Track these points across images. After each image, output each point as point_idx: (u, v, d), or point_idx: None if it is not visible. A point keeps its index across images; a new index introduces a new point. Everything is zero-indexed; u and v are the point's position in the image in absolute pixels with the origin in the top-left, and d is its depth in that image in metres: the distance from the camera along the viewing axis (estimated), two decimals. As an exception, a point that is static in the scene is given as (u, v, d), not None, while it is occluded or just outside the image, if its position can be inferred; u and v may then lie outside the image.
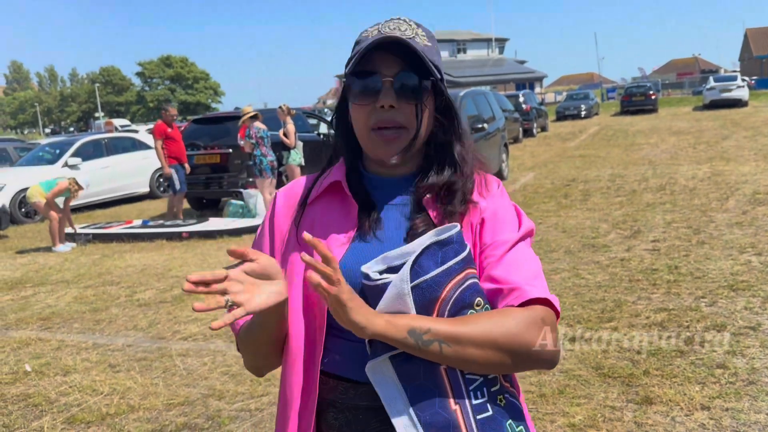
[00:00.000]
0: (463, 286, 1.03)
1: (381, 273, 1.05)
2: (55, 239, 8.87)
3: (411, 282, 1.00)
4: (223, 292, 0.95)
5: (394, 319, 0.99)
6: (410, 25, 1.14)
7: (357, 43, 1.17)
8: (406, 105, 1.12)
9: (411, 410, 1.00)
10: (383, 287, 1.02)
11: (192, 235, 8.92)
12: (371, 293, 1.04)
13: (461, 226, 1.10)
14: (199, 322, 5.18)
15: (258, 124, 9.74)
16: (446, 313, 1.01)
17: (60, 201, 8.99)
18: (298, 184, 1.28)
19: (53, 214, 8.80)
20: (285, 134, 10.10)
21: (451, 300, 1.01)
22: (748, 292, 4.71)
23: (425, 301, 1.00)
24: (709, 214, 7.50)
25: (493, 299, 1.08)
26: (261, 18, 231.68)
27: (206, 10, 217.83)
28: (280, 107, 10.31)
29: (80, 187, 8.88)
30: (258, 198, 9.85)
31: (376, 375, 1.03)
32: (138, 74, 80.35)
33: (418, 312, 1.00)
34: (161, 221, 10.13)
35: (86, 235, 9.33)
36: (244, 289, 0.97)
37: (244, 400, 3.68)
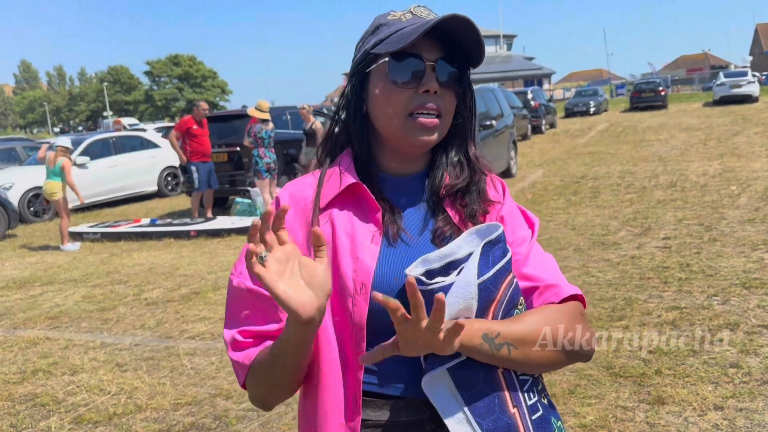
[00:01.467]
0: (513, 286, 1.03)
1: (422, 276, 1.01)
2: (64, 238, 8.92)
3: (478, 279, 0.98)
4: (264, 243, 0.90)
5: (467, 325, 0.95)
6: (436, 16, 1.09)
7: (382, 25, 1.10)
8: (447, 92, 1.07)
9: (472, 419, 0.98)
10: (438, 291, 0.97)
11: (200, 233, 8.91)
12: (427, 298, 0.97)
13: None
14: (206, 321, 5.17)
15: (263, 124, 9.73)
16: (500, 314, 1.01)
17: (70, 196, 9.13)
18: (301, 183, 1.16)
19: (67, 212, 8.90)
20: (309, 132, 10.13)
21: (505, 300, 1.02)
22: (761, 290, 4.64)
23: (484, 302, 0.99)
24: (721, 210, 7.42)
25: (527, 296, 1.09)
26: (268, 17, 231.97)
27: (214, 9, 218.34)
28: (304, 108, 10.34)
29: (69, 149, 9.01)
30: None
31: (432, 388, 1.00)
32: (146, 73, 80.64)
33: (477, 315, 0.99)
34: (169, 220, 10.14)
35: (94, 233, 9.34)
36: (280, 266, 0.90)
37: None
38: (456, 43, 1.06)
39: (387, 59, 1.06)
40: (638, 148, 15.12)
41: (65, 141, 9.13)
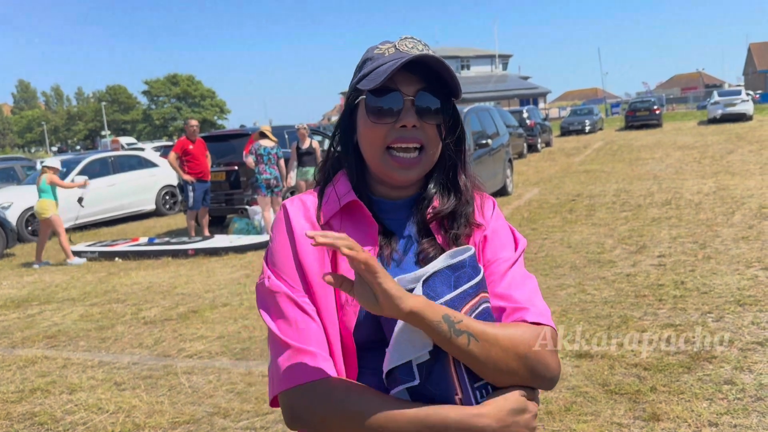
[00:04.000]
0: (477, 311, 1.02)
1: None
2: (68, 253, 8.96)
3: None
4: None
5: (430, 302, 0.97)
6: (425, 46, 1.14)
7: (368, 59, 1.14)
8: (428, 124, 1.10)
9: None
10: None
11: (198, 252, 8.94)
12: (384, 320, 1.03)
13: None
14: (204, 339, 5.18)
15: (262, 141, 9.72)
16: None
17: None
18: (307, 198, 1.19)
19: (62, 228, 9.02)
20: (307, 151, 10.21)
21: None
22: (755, 307, 4.68)
23: None
24: (715, 228, 7.48)
25: (497, 316, 1.09)
26: (267, 36, 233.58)
27: (213, 29, 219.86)
28: (303, 127, 10.41)
29: (57, 168, 9.16)
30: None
31: None
32: (144, 92, 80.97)
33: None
34: (167, 238, 10.15)
35: (92, 252, 9.36)
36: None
37: (250, 418, 3.67)
38: (437, 74, 1.10)
39: (365, 97, 1.11)
40: (633, 166, 15.22)
41: (53, 161, 9.37)
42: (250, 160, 9.74)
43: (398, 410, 0.97)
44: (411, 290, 1.02)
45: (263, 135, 9.80)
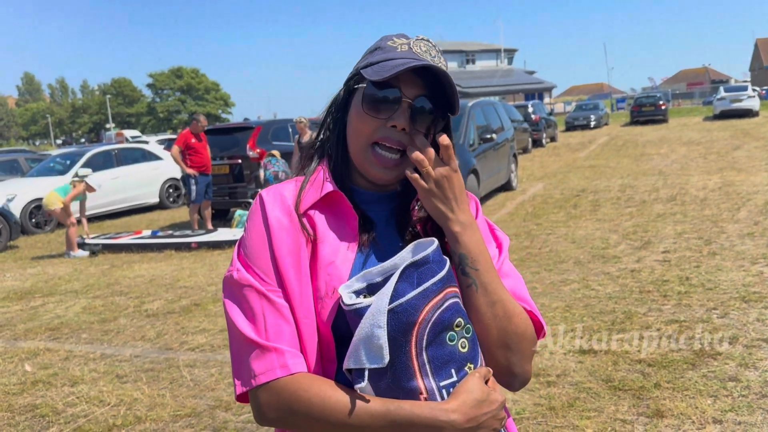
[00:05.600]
0: (443, 307, 0.98)
1: (359, 292, 1.01)
2: (73, 245, 9.05)
3: (388, 306, 0.95)
4: None
5: (474, 230, 1.09)
6: (438, 52, 1.12)
7: (379, 48, 1.12)
8: (416, 132, 1.08)
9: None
10: (360, 312, 0.97)
11: (201, 245, 8.93)
12: (349, 318, 1.00)
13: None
14: (206, 333, 5.18)
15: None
16: (425, 336, 0.97)
17: (74, 207, 9.27)
18: (283, 187, 1.15)
19: (71, 219, 9.09)
20: (306, 146, 10.30)
21: (430, 322, 0.97)
22: (760, 304, 4.65)
23: (401, 325, 0.95)
24: (721, 224, 7.43)
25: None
26: (271, 30, 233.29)
27: (218, 22, 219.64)
28: (301, 121, 10.43)
29: (92, 189, 9.46)
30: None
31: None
32: (149, 86, 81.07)
33: (394, 337, 0.95)
34: (170, 231, 10.16)
35: (95, 245, 9.37)
36: None
37: (251, 412, 3.66)
38: (441, 86, 1.08)
39: (365, 85, 1.09)
40: (638, 161, 15.16)
41: (84, 171, 9.79)
42: (261, 173, 10.21)
43: (362, 406, 0.96)
44: (377, 284, 1.01)
45: (272, 156, 10.37)
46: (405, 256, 1.02)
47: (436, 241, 1.04)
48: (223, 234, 9.34)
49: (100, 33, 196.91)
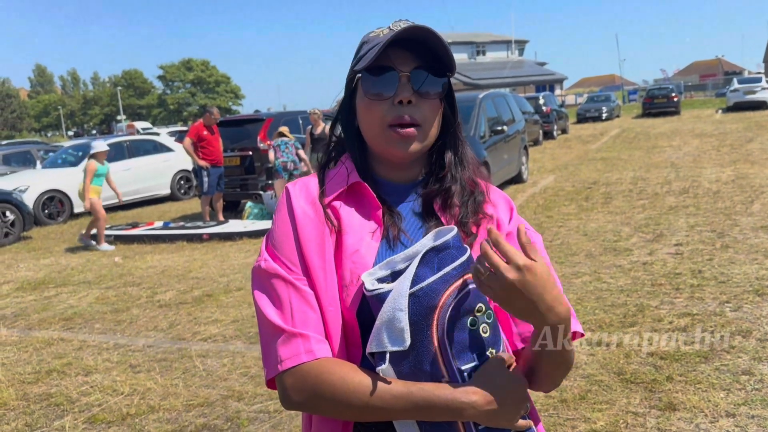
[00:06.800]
0: (463, 292, 0.99)
1: (383, 279, 1.03)
2: (101, 238, 9.03)
3: (409, 290, 0.97)
4: None
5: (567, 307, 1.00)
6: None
7: (365, 43, 1.15)
8: (424, 102, 1.10)
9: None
10: (382, 297, 0.99)
11: (212, 237, 8.97)
12: (372, 304, 1.02)
13: (477, 235, 1.12)
14: (218, 323, 5.21)
15: (281, 138, 10.10)
16: (446, 320, 0.98)
17: (109, 194, 9.02)
18: (311, 180, 1.18)
19: (102, 213, 8.94)
20: (319, 137, 10.20)
21: (451, 306, 0.98)
22: (774, 297, 4.62)
23: (422, 309, 0.97)
24: (734, 217, 7.38)
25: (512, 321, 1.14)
26: (281, 22, 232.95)
27: (228, 14, 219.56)
28: (315, 112, 10.41)
29: (103, 155, 9.00)
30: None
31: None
32: (159, 77, 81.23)
33: (415, 320, 0.96)
34: (182, 223, 10.21)
35: (108, 236, 9.42)
36: None
37: (263, 401, 3.69)
38: (432, 52, 1.10)
39: (364, 76, 1.11)
40: (650, 154, 15.06)
41: (98, 145, 9.11)
42: (271, 154, 10.05)
43: (384, 388, 0.98)
44: (400, 270, 1.02)
45: (282, 134, 10.16)
46: (425, 243, 1.04)
47: (456, 229, 1.05)
48: (234, 225, 9.38)
49: (110, 24, 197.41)
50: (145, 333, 5.16)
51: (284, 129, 10.33)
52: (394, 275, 1.03)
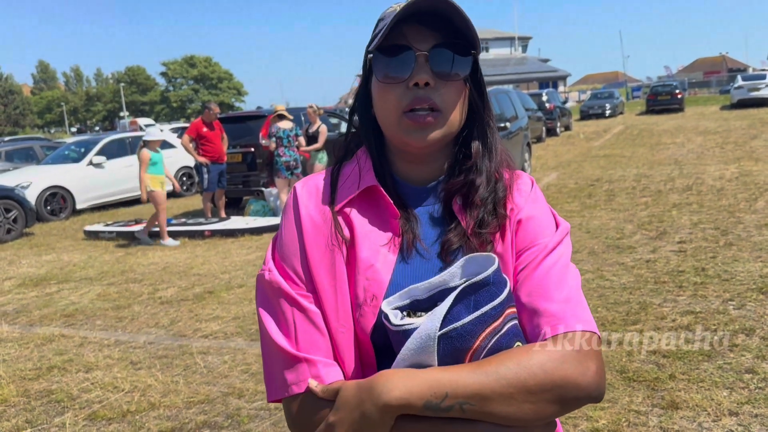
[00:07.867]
0: (501, 332, 0.89)
1: (404, 310, 0.95)
2: (164, 233, 8.70)
3: (439, 331, 0.87)
4: None
5: (410, 392, 0.84)
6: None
7: (381, 20, 1.02)
8: (444, 84, 0.98)
9: None
10: (408, 333, 0.90)
11: (214, 233, 8.97)
12: (394, 338, 0.93)
13: (498, 235, 1.01)
14: (219, 320, 5.20)
15: (280, 123, 9.61)
16: None
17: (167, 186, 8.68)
18: (319, 180, 1.08)
19: (163, 204, 8.52)
20: (313, 135, 10.02)
21: (486, 348, 0.88)
22: (778, 295, 4.59)
23: (454, 351, 0.87)
24: (737, 215, 7.34)
25: (527, 324, 0.96)
26: (284, 19, 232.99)
27: (230, 10, 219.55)
28: (311, 107, 10.21)
29: (157, 143, 8.50)
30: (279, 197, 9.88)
31: None
32: (162, 74, 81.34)
33: (445, 363, 0.87)
34: (184, 219, 10.20)
35: (110, 232, 9.42)
36: None
37: (264, 398, 3.67)
38: (453, 27, 0.98)
39: (377, 57, 1.00)
40: (654, 151, 15.01)
41: (152, 132, 8.67)
42: (271, 145, 9.62)
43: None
44: (422, 301, 0.94)
45: (281, 117, 9.67)
46: (455, 272, 0.94)
47: (497, 259, 0.92)
48: (236, 222, 9.37)
49: (113, 21, 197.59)
50: (146, 330, 5.15)
51: (280, 108, 9.81)
52: (414, 305, 0.95)
